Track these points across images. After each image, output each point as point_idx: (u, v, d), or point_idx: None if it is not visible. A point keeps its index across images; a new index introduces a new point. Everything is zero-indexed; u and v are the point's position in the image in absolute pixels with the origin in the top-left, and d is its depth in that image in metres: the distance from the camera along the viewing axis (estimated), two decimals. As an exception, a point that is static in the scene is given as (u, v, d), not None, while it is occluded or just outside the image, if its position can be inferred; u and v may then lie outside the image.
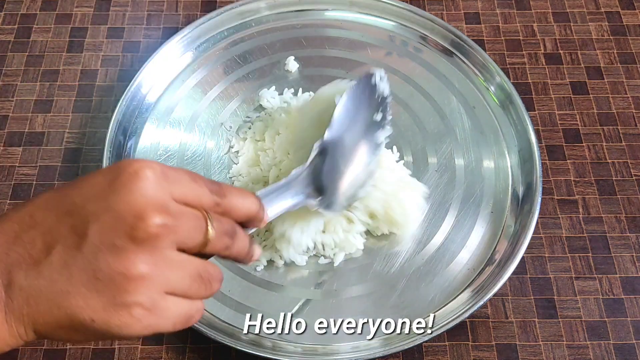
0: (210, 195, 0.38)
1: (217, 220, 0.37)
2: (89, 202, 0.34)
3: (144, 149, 0.67)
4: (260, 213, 0.42)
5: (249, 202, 0.41)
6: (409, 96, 0.70)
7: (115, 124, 0.66)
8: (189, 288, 0.36)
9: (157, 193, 0.34)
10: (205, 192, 0.38)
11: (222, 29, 0.75)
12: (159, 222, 0.34)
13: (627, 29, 0.77)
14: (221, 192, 0.39)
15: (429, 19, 0.74)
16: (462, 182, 0.65)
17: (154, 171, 0.35)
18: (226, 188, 0.39)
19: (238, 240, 0.39)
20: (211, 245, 0.37)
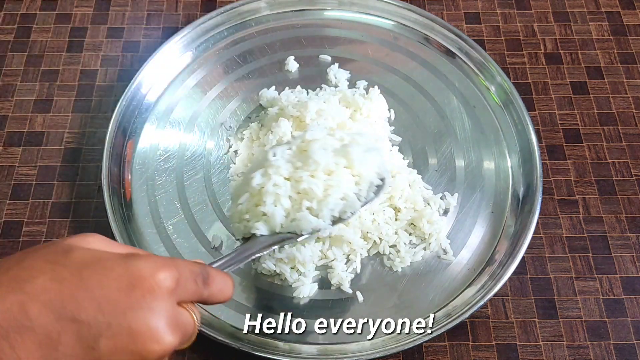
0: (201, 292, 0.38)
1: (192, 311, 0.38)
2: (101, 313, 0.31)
3: (144, 148, 0.67)
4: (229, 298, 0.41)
5: (227, 290, 0.41)
6: (409, 96, 0.70)
7: (115, 124, 0.66)
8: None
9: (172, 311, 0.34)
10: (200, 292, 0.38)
11: (222, 29, 0.75)
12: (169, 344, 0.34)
13: (627, 29, 0.77)
14: (207, 281, 0.38)
15: (429, 19, 0.74)
16: (462, 182, 0.65)
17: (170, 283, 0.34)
18: (212, 276, 0.39)
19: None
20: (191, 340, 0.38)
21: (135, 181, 0.65)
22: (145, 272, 0.33)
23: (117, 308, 0.32)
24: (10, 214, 0.64)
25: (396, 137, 0.67)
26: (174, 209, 0.63)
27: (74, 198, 0.65)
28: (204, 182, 0.65)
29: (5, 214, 0.64)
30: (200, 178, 0.65)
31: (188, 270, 0.37)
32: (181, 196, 0.64)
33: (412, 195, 0.62)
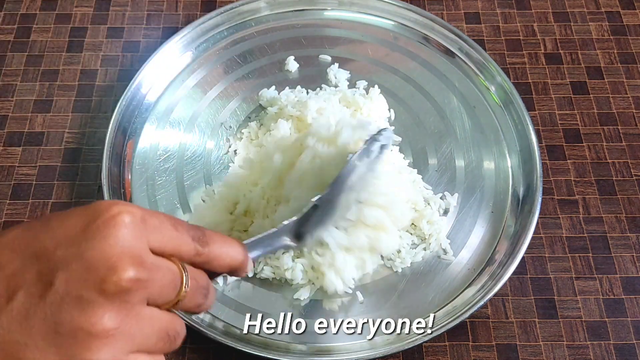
0: (191, 244, 0.36)
1: (193, 277, 0.35)
2: (60, 247, 0.32)
3: (144, 148, 0.67)
4: (244, 264, 0.40)
5: (234, 252, 0.38)
6: (409, 96, 0.70)
7: (115, 124, 0.66)
8: (154, 346, 0.34)
9: (134, 242, 0.32)
10: (187, 241, 0.35)
11: (222, 29, 0.75)
12: (132, 276, 0.31)
13: (627, 29, 0.77)
14: (204, 239, 0.36)
15: (429, 19, 0.74)
16: (462, 182, 0.65)
17: (132, 217, 0.32)
18: (210, 235, 0.37)
19: (210, 298, 0.38)
20: (182, 304, 0.35)
21: (135, 181, 0.65)
22: (104, 205, 0.33)
23: (74, 241, 0.32)
24: (10, 214, 0.64)
25: (396, 137, 0.67)
26: (174, 209, 0.63)
27: (74, 198, 0.65)
28: (204, 182, 0.65)
29: (5, 214, 0.64)
30: (200, 178, 0.65)
31: (166, 218, 0.35)
32: (181, 196, 0.64)
33: (412, 195, 0.62)
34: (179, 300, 0.35)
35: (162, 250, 0.34)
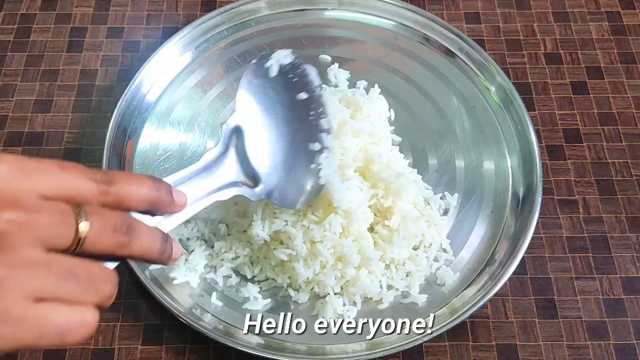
0: (90, 184, 0.34)
1: (96, 213, 0.33)
2: None
3: (144, 148, 0.67)
4: (164, 197, 0.38)
5: (145, 187, 0.37)
6: (409, 96, 0.70)
7: (115, 124, 0.66)
8: (61, 292, 0.31)
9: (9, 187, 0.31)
10: (84, 182, 0.34)
11: (222, 29, 0.75)
12: (7, 218, 0.30)
13: (627, 29, 0.77)
14: (108, 179, 0.35)
15: (429, 19, 0.74)
16: (462, 182, 0.65)
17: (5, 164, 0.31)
18: (115, 174, 0.35)
19: (139, 236, 0.35)
20: (93, 243, 0.33)
21: (135, 181, 0.65)
22: None
23: None
24: (10, 214, 0.64)
25: (396, 137, 0.67)
26: (174, 209, 0.63)
27: (74, 198, 0.65)
28: (204, 182, 0.65)
29: (5, 214, 0.64)
30: (200, 178, 0.65)
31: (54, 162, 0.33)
32: (181, 196, 0.64)
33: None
34: (81, 239, 0.33)
35: (56, 194, 0.32)
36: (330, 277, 0.57)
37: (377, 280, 0.58)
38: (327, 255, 0.56)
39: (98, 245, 0.33)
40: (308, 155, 0.53)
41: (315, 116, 0.54)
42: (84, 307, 0.33)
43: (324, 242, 0.56)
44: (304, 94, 0.54)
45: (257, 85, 0.52)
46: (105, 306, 0.34)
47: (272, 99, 0.52)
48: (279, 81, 0.53)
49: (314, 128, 0.54)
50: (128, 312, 0.59)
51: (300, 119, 0.53)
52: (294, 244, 0.56)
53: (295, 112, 0.54)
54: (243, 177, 0.48)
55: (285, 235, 0.56)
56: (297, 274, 0.56)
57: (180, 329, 0.58)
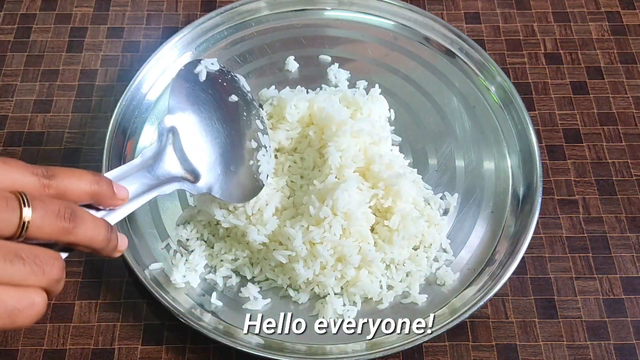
0: (31, 177, 0.35)
1: (40, 200, 0.34)
2: None
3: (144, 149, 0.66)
4: (104, 190, 0.39)
5: (84, 181, 0.38)
6: (409, 96, 0.70)
7: (115, 124, 0.66)
8: (7, 274, 0.32)
9: None
10: (25, 175, 0.35)
11: (222, 29, 0.75)
12: None
13: (627, 29, 0.77)
14: (49, 174, 0.36)
15: (429, 19, 0.74)
16: (462, 182, 0.65)
17: None
18: (56, 169, 0.37)
19: (83, 224, 0.36)
20: (37, 229, 0.34)
21: (135, 181, 0.65)
22: None
23: None
24: (10, 214, 0.64)
25: (396, 137, 0.67)
26: (174, 208, 0.63)
27: (74, 198, 0.65)
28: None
29: (5, 214, 0.64)
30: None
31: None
32: (181, 196, 0.64)
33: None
34: (25, 225, 0.33)
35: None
36: (330, 278, 0.57)
37: (377, 281, 0.58)
38: (326, 256, 0.56)
39: (42, 230, 0.34)
40: (246, 152, 0.56)
41: (248, 117, 0.57)
42: (32, 289, 0.33)
43: (323, 243, 0.56)
44: (235, 97, 0.57)
45: (188, 88, 0.54)
46: (54, 291, 0.35)
47: (203, 100, 0.54)
48: (209, 85, 0.56)
49: (249, 128, 0.56)
50: (128, 312, 0.59)
51: (233, 119, 0.56)
52: (294, 245, 0.56)
53: (228, 113, 0.56)
54: (183, 172, 0.50)
55: (285, 236, 0.56)
56: (297, 275, 0.56)
57: (180, 329, 0.58)
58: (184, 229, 0.61)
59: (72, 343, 0.57)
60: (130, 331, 0.58)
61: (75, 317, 0.59)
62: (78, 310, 0.59)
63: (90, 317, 0.59)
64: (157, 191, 0.47)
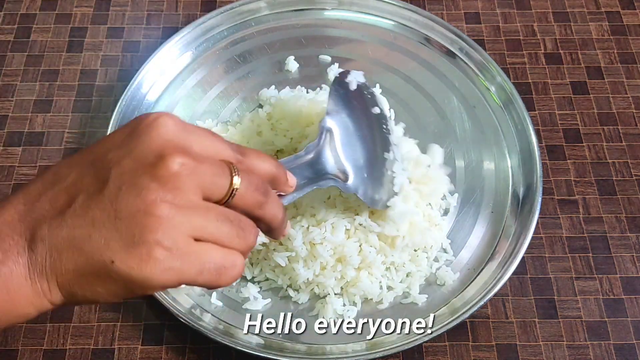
0: (231, 152, 0.38)
1: (245, 171, 0.37)
2: (110, 152, 0.35)
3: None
4: (282, 175, 0.42)
5: (269, 164, 0.41)
6: (409, 96, 0.70)
7: (115, 124, 0.66)
8: (219, 233, 0.35)
9: (177, 136, 0.35)
10: (226, 149, 0.38)
11: (222, 29, 0.75)
12: (180, 161, 0.33)
13: (627, 29, 0.77)
14: (241, 151, 0.39)
15: (429, 19, 0.74)
16: (462, 182, 0.65)
17: (173, 120, 0.35)
18: (246, 149, 0.39)
19: (272, 200, 0.39)
20: (240, 197, 0.36)
21: (135, 181, 0.65)
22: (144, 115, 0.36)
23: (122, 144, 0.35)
24: (10, 214, 0.64)
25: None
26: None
27: (74, 198, 0.65)
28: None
29: (5, 214, 0.64)
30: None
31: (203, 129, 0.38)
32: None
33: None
34: (233, 191, 0.36)
35: (205, 153, 0.36)
36: (330, 279, 0.57)
37: (377, 282, 0.58)
38: (327, 257, 0.56)
39: (244, 199, 0.37)
40: (384, 162, 0.57)
41: (386, 130, 0.59)
42: (235, 251, 0.36)
43: (323, 244, 0.56)
44: (377, 109, 0.59)
45: (343, 95, 0.57)
46: (245, 257, 0.37)
47: (355, 107, 0.57)
48: (358, 94, 0.58)
49: (386, 140, 0.58)
50: (128, 312, 0.59)
51: (376, 129, 0.58)
52: (294, 245, 0.56)
53: (372, 122, 0.58)
54: (337, 170, 0.52)
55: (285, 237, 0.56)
56: (297, 275, 0.56)
57: (180, 329, 0.58)
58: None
59: (72, 343, 0.57)
60: (130, 331, 0.58)
61: (75, 317, 0.59)
62: (78, 310, 0.59)
63: (90, 317, 0.59)
64: (316, 185, 0.50)
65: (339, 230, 0.56)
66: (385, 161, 0.57)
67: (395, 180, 0.57)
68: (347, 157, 0.53)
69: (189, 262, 0.34)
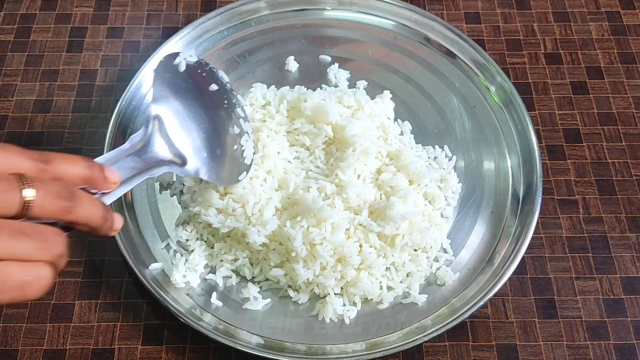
0: (29, 162, 0.37)
1: (39, 181, 0.36)
2: None
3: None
4: (97, 174, 0.41)
5: (78, 166, 0.40)
6: (409, 96, 0.70)
7: (115, 124, 0.66)
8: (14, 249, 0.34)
9: None
10: (21, 160, 0.36)
11: (222, 29, 0.75)
12: None
13: (627, 29, 0.77)
14: (44, 158, 0.38)
15: (429, 19, 0.74)
16: (462, 182, 0.65)
17: None
18: (51, 155, 0.38)
19: (82, 203, 0.38)
20: (40, 208, 0.35)
21: (135, 181, 0.65)
22: None
23: None
24: (10, 214, 0.64)
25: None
26: (174, 208, 0.63)
27: (74, 198, 0.65)
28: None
29: (5, 214, 0.64)
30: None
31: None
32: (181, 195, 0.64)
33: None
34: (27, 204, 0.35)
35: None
36: (330, 279, 0.57)
37: (378, 282, 0.58)
38: (327, 257, 0.56)
39: (44, 209, 0.36)
40: (230, 138, 0.58)
41: (229, 105, 0.59)
42: (38, 264, 0.35)
43: (323, 244, 0.56)
44: (215, 86, 0.59)
45: (169, 78, 0.56)
46: (59, 265, 0.36)
47: (184, 89, 0.57)
48: (189, 75, 0.58)
49: (230, 115, 0.59)
50: (128, 312, 0.59)
51: (215, 107, 0.58)
52: (294, 245, 0.56)
53: (210, 101, 0.58)
54: (171, 156, 0.52)
55: (285, 237, 0.56)
56: (297, 275, 0.56)
57: (180, 329, 0.58)
58: (184, 229, 0.61)
59: (72, 343, 0.57)
60: (130, 331, 0.58)
61: (75, 317, 0.59)
62: (78, 310, 0.59)
63: (90, 317, 0.59)
64: (146, 174, 0.49)
65: (339, 230, 0.56)
66: (230, 136, 0.58)
67: (245, 153, 0.58)
68: (182, 141, 0.53)
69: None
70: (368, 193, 0.59)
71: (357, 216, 0.58)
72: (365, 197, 0.58)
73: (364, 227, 0.58)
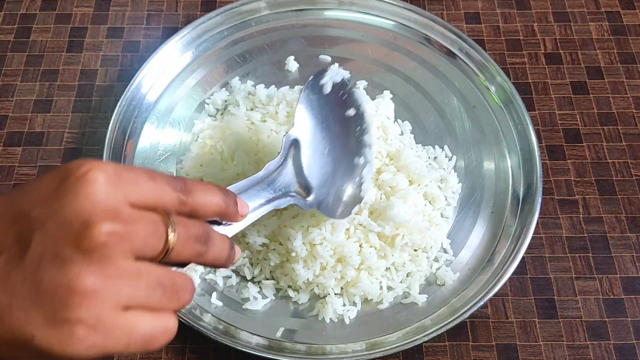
0: (173, 194, 0.35)
1: (181, 224, 0.35)
2: (35, 208, 0.32)
3: (144, 148, 0.67)
4: (231, 207, 0.40)
5: (217, 197, 0.38)
6: (409, 96, 0.70)
7: (115, 124, 0.66)
8: (149, 299, 0.33)
9: (108, 197, 0.32)
10: (168, 192, 0.35)
11: (222, 29, 0.74)
12: (108, 230, 0.31)
13: (627, 29, 0.77)
14: (186, 189, 0.36)
15: (429, 19, 0.74)
16: (462, 182, 0.65)
17: (105, 173, 0.32)
18: (191, 184, 0.37)
19: (213, 245, 0.37)
20: (176, 253, 0.34)
21: (135, 181, 0.65)
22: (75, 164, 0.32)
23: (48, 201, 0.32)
24: (10, 214, 0.64)
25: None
26: (174, 209, 0.63)
27: (74, 198, 0.65)
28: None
29: (5, 214, 0.64)
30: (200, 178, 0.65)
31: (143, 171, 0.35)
32: (181, 196, 0.64)
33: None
34: (168, 250, 0.34)
35: (143, 203, 0.33)
36: (330, 279, 0.57)
37: (378, 282, 0.58)
38: (326, 257, 0.56)
39: (181, 255, 0.35)
40: (353, 168, 0.56)
41: (359, 132, 0.57)
42: (166, 313, 0.34)
43: (323, 244, 0.56)
44: (352, 110, 0.57)
45: (314, 101, 0.54)
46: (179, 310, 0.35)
47: (326, 114, 0.54)
48: (332, 98, 0.56)
49: (359, 143, 0.56)
50: (128, 312, 0.59)
51: (347, 134, 0.56)
52: (294, 245, 0.56)
53: (344, 127, 0.56)
54: (297, 187, 0.50)
55: (285, 237, 0.56)
56: (297, 276, 0.56)
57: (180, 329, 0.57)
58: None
59: (72, 343, 0.57)
60: (130, 331, 0.58)
61: (75, 317, 0.59)
62: (78, 310, 0.59)
63: (90, 317, 0.59)
64: (273, 205, 0.47)
65: (339, 230, 0.56)
66: (354, 167, 0.56)
67: (363, 185, 0.56)
68: (312, 170, 0.51)
69: (114, 337, 0.32)
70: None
71: (357, 216, 0.58)
72: (365, 197, 0.58)
73: (364, 227, 0.58)
